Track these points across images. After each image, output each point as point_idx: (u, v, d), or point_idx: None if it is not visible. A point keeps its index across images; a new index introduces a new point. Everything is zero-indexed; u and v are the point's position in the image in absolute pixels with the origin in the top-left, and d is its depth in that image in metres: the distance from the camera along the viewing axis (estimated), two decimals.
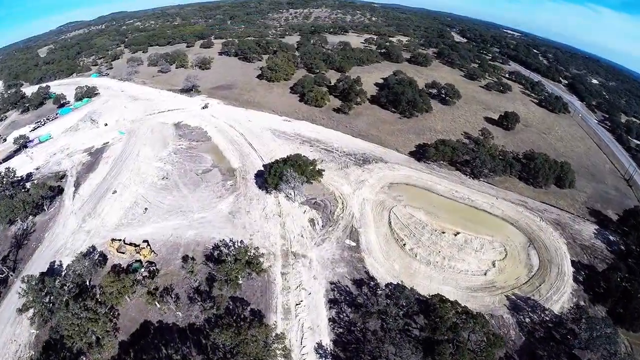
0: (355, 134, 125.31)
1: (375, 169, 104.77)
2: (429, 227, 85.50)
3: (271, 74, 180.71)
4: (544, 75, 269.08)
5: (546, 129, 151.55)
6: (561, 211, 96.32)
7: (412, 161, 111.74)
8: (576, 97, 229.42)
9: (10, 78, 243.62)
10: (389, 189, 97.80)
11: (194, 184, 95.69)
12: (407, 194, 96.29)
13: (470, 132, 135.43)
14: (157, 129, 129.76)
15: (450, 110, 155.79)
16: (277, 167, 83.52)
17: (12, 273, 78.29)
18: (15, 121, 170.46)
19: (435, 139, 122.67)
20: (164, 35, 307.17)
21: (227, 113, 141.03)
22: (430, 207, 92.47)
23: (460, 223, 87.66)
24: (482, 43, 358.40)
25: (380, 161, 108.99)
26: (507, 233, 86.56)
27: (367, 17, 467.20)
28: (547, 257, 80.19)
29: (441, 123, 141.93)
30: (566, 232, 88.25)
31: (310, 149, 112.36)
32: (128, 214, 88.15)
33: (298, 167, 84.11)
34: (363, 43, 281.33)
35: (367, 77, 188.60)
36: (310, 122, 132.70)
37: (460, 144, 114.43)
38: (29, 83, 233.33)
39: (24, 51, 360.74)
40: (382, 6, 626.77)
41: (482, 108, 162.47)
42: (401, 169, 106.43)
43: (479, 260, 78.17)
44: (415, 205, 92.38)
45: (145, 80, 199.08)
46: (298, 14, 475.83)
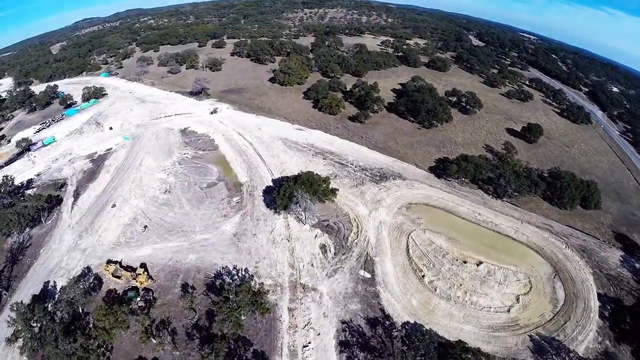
0: (371, 146, 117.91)
1: (393, 186, 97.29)
2: (450, 256, 78.15)
3: (284, 78, 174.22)
4: (564, 82, 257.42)
5: (569, 142, 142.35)
6: (587, 236, 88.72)
7: (432, 178, 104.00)
8: (597, 107, 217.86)
9: (20, 75, 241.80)
10: (408, 210, 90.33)
11: (197, 200, 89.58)
12: (427, 216, 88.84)
13: (492, 144, 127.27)
14: (162, 135, 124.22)
15: (471, 120, 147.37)
16: (287, 187, 76.72)
17: (5, 292, 74.33)
18: (21, 121, 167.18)
19: (456, 153, 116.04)
20: (176, 34, 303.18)
21: (237, 119, 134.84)
22: (452, 231, 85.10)
23: (483, 251, 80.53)
24: (500, 47, 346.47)
25: (398, 178, 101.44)
26: (532, 262, 79.47)
27: (383, 18, 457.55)
28: (573, 291, 73.30)
29: (462, 134, 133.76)
30: (592, 261, 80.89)
31: (323, 162, 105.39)
32: (126, 232, 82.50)
33: (310, 187, 77.31)
34: (379, 45, 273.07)
35: (384, 82, 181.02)
36: (324, 132, 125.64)
37: (483, 160, 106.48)
38: (38, 81, 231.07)
39: (38, 48, 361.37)
40: (397, 7, 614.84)
41: (503, 118, 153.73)
42: (420, 187, 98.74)
43: (503, 295, 71.23)
44: (435, 229, 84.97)
45: (154, 81, 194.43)
46: (313, 13, 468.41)
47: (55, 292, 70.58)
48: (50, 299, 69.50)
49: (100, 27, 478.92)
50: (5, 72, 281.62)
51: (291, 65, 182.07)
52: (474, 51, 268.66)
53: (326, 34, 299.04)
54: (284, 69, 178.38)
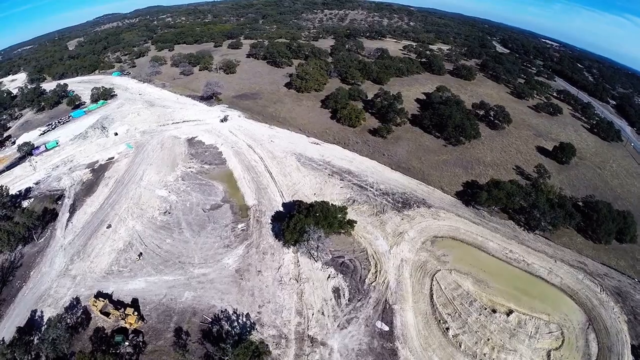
0: (393, 165, 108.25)
1: (417, 216, 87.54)
2: (478, 304, 68.48)
3: (301, 84, 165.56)
4: (591, 94, 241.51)
5: (600, 163, 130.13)
6: (622, 275, 78.52)
7: (459, 205, 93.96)
8: (625, 121, 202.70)
9: (34, 71, 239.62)
10: (433, 244, 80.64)
11: (198, 224, 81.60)
12: (454, 253, 79.09)
13: (522, 165, 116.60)
14: (167, 145, 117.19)
15: (499, 137, 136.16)
16: (298, 220, 67.89)
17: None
18: (28, 121, 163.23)
19: (485, 175, 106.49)
20: (193, 33, 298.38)
21: (248, 129, 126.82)
22: (480, 272, 75.35)
23: (513, 296, 71.06)
24: (525, 55, 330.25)
25: (422, 205, 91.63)
26: (565, 309, 70.01)
27: (405, 21, 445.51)
28: (607, 344, 64.19)
29: (490, 153, 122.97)
30: (627, 306, 71.12)
31: (340, 184, 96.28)
32: (120, 259, 75.22)
33: (324, 220, 68.26)
34: (402, 50, 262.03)
35: (407, 91, 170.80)
36: (342, 147, 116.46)
37: (515, 185, 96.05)
38: (51, 78, 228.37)
39: (55, 43, 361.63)
40: (418, 10, 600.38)
41: (533, 135, 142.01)
42: (447, 217, 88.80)
43: (533, 351, 62.06)
44: (462, 269, 75.29)
45: (165, 83, 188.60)
46: (333, 15, 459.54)
47: (42, 324, 65.16)
48: (36, 331, 64.01)
49: (119, 23, 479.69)
50: (21, 67, 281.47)
51: (309, 70, 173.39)
52: (500, 59, 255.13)
53: (346, 37, 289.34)
54: (301, 74, 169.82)
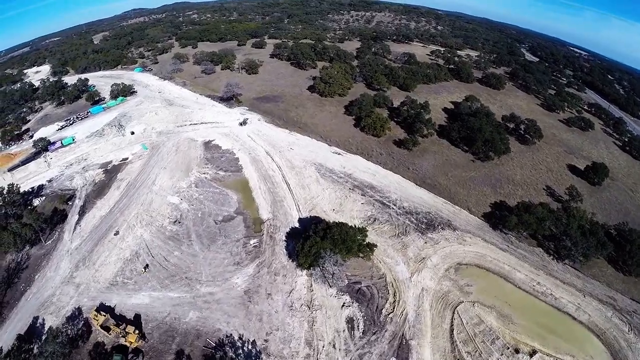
0: (418, 181, 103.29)
1: (442, 240, 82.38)
2: (501, 342, 62.99)
3: (324, 88, 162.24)
4: (623, 108, 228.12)
5: (633, 185, 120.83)
6: None
7: (486, 228, 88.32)
8: None
9: (58, 64, 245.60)
10: (456, 272, 75.44)
11: (209, 237, 79.00)
12: (478, 283, 73.79)
13: (553, 185, 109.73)
14: (183, 148, 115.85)
15: (530, 153, 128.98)
16: (314, 244, 64.07)
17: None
18: (48, 115, 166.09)
19: (514, 195, 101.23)
20: (217, 31, 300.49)
21: (267, 135, 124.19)
22: (505, 305, 69.92)
23: (538, 334, 65.49)
24: (555, 64, 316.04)
25: (447, 227, 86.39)
26: (591, 350, 64.19)
27: (433, 25, 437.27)
28: None
29: (520, 171, 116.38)
30: None
31: (361, 200, 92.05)
32: (125, 270, 73.41)
33: (342, 244, 64.24)
34: (429, 55, 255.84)
35: (434, 99, 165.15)
36: (365, 158, 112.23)
37: (546, 210, 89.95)
38: (74, 71, 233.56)
39: (81, 36, 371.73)
40: (446, 13, 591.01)
41: (564, 151, 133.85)
42: (473, 241, 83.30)
43: None
44: (486, 302, 69.99)
45: (185, 81, 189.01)
46: (359, 16, 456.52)
47: (43, 332, 64.42)
48: (36, 340, 63.31)
49: (145, 18, 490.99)
50: (46, 58, 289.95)
51: (333, 74, 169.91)
52: (529, 67, 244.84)
53: (373, 40, 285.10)
54: (325, 78, 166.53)
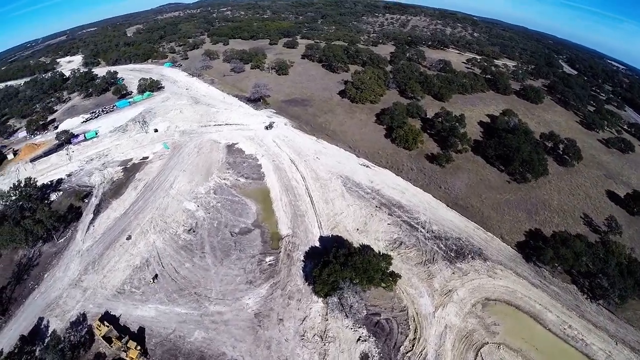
0: (450, 202, 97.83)
1: (471, 271, 76.93)
2: None
3: (356, 94, 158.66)
4: None
5: None
6: None
7: (519, 260, 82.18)
8: None
9: (90, 55, 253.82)
10: (484, 309, 69.94)
11: (223, 251, 76.68)
12: (506, 322, 68.16)
13: (591, 214, 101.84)
14: (205, 150, 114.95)
15: (568, 176, 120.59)
16: (333, 272, 60.12)
17: (0, 317, 70.08)
18: (75, 106, 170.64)
19: (550, 223, 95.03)
20: (249, 29, 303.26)
21: (293, 141, 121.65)
22: (532, 349, 64.19)
23: None
24: (593, 78, 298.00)
25: (478, 256, 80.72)
26: None
27: (469, 31, 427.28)
28: None
29: (558, 196, 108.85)
30: None
31: (387, 220, 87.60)
32: (134, 278, 72.21)
33: (363, 273, 60.14)
34: (465, 64, 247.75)
35: (470, 111, 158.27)
36: (395, 173, 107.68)
37: (584, 244, 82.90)
38: (105, 63, 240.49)
39: (116, 28, 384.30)
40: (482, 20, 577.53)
41: (603, 175, 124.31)
42: (504, 275, 77.40)
43: None
44: (513, 344, 64.37)
45: (214, 79, 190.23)
46: (394, 20, 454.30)
47: (47, 335, 64.86)
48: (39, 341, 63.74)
49: (180, 13, 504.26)
50: (80, 49, 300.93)
51: (365, 79, 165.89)
52: (568, 81, 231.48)
53: (407, 44, 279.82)
54: (357, 83, 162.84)
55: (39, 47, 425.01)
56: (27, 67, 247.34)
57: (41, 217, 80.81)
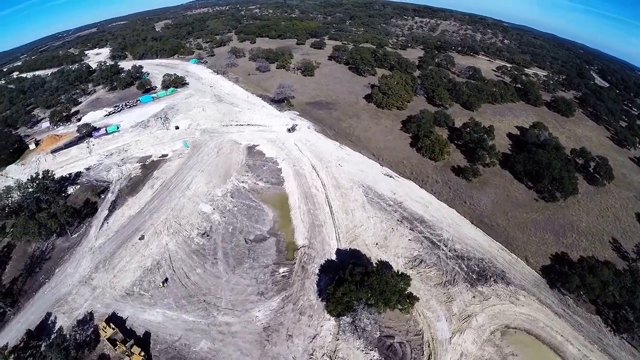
0: (475, 219, 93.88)
1: (492, 295, 73.13)
2: None
3: (382, 99, 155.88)
4: None
5: None
6: None
7: (543, 286, 77.95)
8: None
9: (117, 48, 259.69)
10: (502, 337, 66.17)
11: (236, 258, 75.27)
12: (524, 353, 64.26)
13: (620, 239, 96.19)
14: (225, 150, 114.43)
15: (598, 196, 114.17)
16: (347, 292, 57.40)
17: (10, 309, 71.22)
18: (99, 98, 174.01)
19: (577, 247, 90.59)
20: (277, 28, 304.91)
21: (315, 146, 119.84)
22: None
23: None
24: (625, 91, 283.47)
25: (501, 280, 76.73)
26: None
27: (499, 38, 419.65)
28: None
29: (586, 217, 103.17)
30: None
31: (409, 235, 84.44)
32: (144, 280, 71.76)
33: (379, 294, 57.33)
34: (495, 71, 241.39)
35: (499, 122, 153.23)
36: (419, 185, 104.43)
37: (612, 273, 77.79)
38: (131, 57, 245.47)
39: (145, 22, 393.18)
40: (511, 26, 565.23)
41: (633, 197, 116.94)
42: (527, 302, 73.25)
43: None
44: None
45: (238, 77, 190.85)
46: (424, 23, 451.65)
47: (53, 331, 65.33)
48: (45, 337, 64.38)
49: (209, 9, 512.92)
50: (108, 41, 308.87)
51: (392, 84, 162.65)
52: (600, 94, 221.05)
53: (437, 49, 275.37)
54: (384, 88, 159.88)
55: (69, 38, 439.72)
56: (55, 58, 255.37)
57: (56, 212, 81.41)
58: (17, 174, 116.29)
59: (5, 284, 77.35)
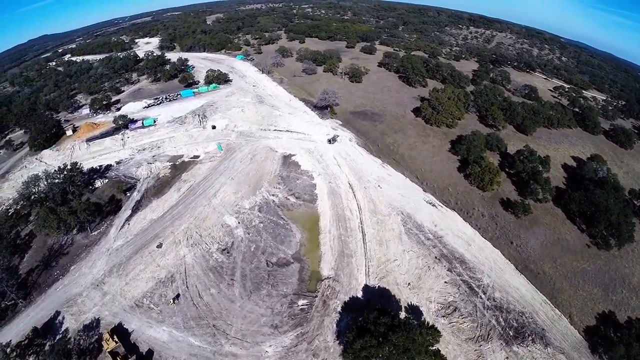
0: (520, 264, 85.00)
1: (528, 358, 64.89)
2: None
3: (431, 114, 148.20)
4: None
5: None
6: None
7: (584, 350, 68.56)
8: None
9: (167, 39, 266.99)
10: None
11: (254, 282, 71.42)
12: None
13: None
14: (259, 157, 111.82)
15: None
16: (367, 346, 51.29)
17: (22, 301, 72.90)
18: (141, 89, 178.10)
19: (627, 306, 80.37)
20: (327, 29, 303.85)
21: (356, 161, 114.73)
22: None
23: None
24: None
25: (539, 340, 67.92)
26: None
27: (556, 55, 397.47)
28: None
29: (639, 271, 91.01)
30: None
31: (446, 276, 77.26)
32: (155, 293, 69.85)
33: (403, 353, 51.21)
34: (552, 92, 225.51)
35: (554, 150, 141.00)
36: (463, 217, 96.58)
37: None
38: (179, 48, 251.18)
39: (197, 15, 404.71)
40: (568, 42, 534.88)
41: None
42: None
43: None
44: None
45: (283, 78, 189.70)
46: (478, 34, 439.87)
47: (59, 331, 65.91)
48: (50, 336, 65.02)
49: (262, 5, 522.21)
50: (159, 31, 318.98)
51: (444, 100, 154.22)
52: None
53: (491, 63, 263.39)
54: (434, 103, 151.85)
55: (124, 25, 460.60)
56: (106, 44, 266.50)
57: (76, 208, 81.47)
58: (50, 159, 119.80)
59: (22, 273, 78.92)
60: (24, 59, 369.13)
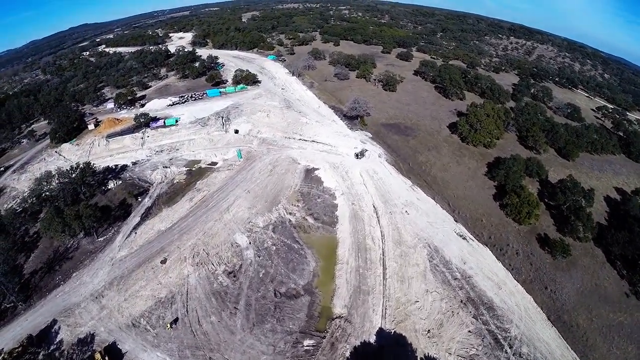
0: (553, 314, 76.54)
1: None
2: None
3: (468, 132, 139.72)
4: None
5: None
6: None
7: None
8: None
9: (200, 35, 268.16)
10: None
11: (259, 313, 66.65)
12: None
13: None
14: (280, 170, 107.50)
15: None
16: None
17: (22, 304, 71.90)
18: (168, 85, 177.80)
19: None
20: (363, 32, 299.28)
21: (383, 181, 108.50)
22: None
23: None
24: None
25: None
26: None
27: (599, 71, 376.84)
28: None
29: None
30: None
31: (471, 325, 69.90)
32: (153, 314, 66.52)
33: None
34: (594, 112, 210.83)
35: (597, 179, 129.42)
36: (495, 255, 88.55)
37: None
38: (212, 44, 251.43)
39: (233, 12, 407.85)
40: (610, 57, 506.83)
41: None
42: None
43: None
44: None
45: (313, 82, 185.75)
46: (519, 45, 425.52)
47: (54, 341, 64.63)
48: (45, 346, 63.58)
49: (299, 5, 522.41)
50: (194, 27, 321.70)
51: (482, 117, 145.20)
52: None
53: (532, 77, 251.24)
54: (472, 120, 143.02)
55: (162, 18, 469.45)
56: (140, 37, 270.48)
57: (82, 213, 79.41)
58: (69, 153, 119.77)
59: (25, 274, 77.91)
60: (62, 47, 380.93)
